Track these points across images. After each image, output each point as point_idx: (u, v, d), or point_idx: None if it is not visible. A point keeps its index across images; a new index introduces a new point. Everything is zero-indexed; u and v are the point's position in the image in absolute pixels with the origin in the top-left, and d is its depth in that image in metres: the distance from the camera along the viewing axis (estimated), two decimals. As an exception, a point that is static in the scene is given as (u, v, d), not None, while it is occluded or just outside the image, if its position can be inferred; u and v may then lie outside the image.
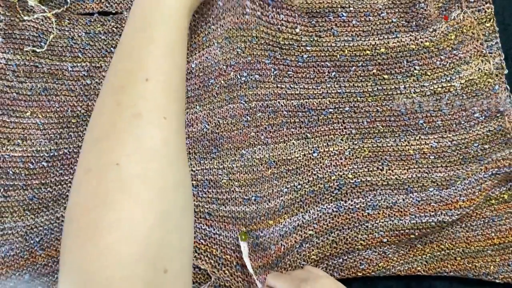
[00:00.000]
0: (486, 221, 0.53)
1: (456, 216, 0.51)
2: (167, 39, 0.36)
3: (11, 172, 0.51)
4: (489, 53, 0.54)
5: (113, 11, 0.53)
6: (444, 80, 0.52)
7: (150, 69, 0.34)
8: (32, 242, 0.50)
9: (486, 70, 0.52)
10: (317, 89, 0.53)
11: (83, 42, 0.52)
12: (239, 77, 0.52)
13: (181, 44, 0.37)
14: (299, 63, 0.53)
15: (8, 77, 0.51)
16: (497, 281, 0.53)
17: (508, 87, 0.54)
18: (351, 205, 0.52)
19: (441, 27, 0.52)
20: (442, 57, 0.52)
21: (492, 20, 0.54)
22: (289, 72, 0.53)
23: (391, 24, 0.52)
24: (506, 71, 0.54)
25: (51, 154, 0.51)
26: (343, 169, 0.53)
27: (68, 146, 0.51)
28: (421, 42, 0.52)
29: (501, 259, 0.53)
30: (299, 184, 0.53)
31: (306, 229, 0.52)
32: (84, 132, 0.52)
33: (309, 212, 0.52)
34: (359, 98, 0.53)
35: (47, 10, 0.51)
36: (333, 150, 0.53)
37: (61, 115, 0.51)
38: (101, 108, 0.33)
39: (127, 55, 0.35)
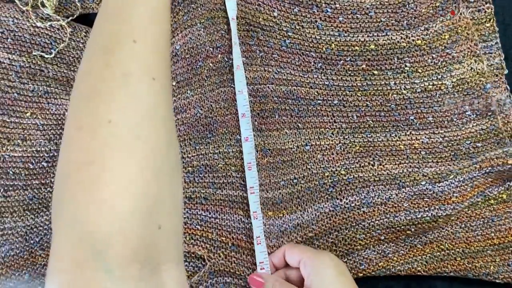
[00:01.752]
0: (486, 221, 0.53)
1: (450, 211, 0.52)
2: (153, 4, 0.36)
3: (11, 172, 0.51)
4: (489, 53, 0.54)
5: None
6: (435, 78, 0.52)
7: (137, 31, 0.34)
8: (32, 242, 0.50)
9: (479, 70, 0.52)
10: (304, 77, 0.53)
11: None
12: (226, 59, 0.52)
13: (166, 11, 0.38)
14: (282, 47, 0.53)
15: (11, 77, 0.51)
16: (497, 281, 0.53)
17: (508, 87, 0.54)
18: (346, 203, 0.53)
19: (435, 26, 0.52)
20: (434, 55, 0.52)
21: (492, 20, 0.54)
22: (274, 55, 0.53)
23: (380, 23, 0.53)
24: (506, 71, 0.54)
25: (51, 154, 0.51)
26: (335, 165, 0.53)
27: (68, 146, 0.51)
28: (413, 40, 0.52)
29: (501, 259, 0.53)
30: (294, 178, 0.53)
31: (306, 230, 0.52)
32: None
33: (307, 211, 0.52)
34: (348, 92, 0.53)
35: (61, 19, 0.51)
36: (325, 144, 0.53)
37: (59, 117, 0.51)
38: (89, 68, 0.33)
39: (113, 16, 0.35)
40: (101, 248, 0.27)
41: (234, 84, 0.52)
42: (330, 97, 0.53)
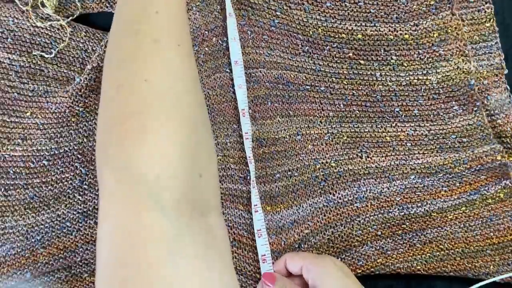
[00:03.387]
0: (484, 221, 0.53)
1: (441, 204, 0.52)
2: None
3: (11, 172, 0.51)
4: (489, 53, 0.54)
5: (113, 12, 0.54)
6: (420, 73, 0.53)
7: (158, 3, 0.37)
8: (33, 240, 0.50)
9: (465, 69, 0.53)
10: (292, 60, 0.54)
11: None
12: (221, 42, 0.53)
13: None
14: (272, 27, 0.54)
15: (11, 77, 0.51)
16: (497, 280, 0.53)
17: (508, 87, 0.54)
18: (339, 198, 0.53)
19: (425, 23, 0.53)
20: (420, 51, 0.53)
21: (492, 20, 0.54)
22: (264, 36, 0.54)
23: (369, 14, 0.53)
24: (506, 71, 0.54)
25: (52, 152, 0.51)
26: (325, 156, 0.54)
27: (69, 144, 0.52)
28: (400, 34, 0.53)
29: (501, 259, 0.53)
30: (289, 170, 0.53)
31: (302, 226, 0.52)
32: (84, 129, 0.52)
33: (303, 206, 0.53)
34: (334, 79, 0.54)
35: (61, 19, 0.51)
36: (314, 133, 0.54)
37: (59, 116, 0.52)
38: (121, 36, 0.37)
39: None
40: (155, 190, 0.30)
41: (228, 69, 0.53)
42: (317, 83, 0.54)
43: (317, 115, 0.54)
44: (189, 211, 0.30)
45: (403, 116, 0.54)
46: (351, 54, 0.54)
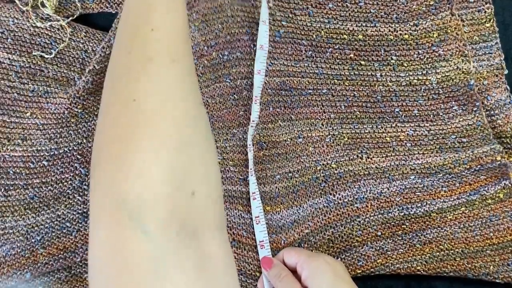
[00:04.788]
0: (484, 221, 0.53)
1: (441, 205, 0.52)
2: None
3: (11, 172, 0.51)
4: (489, 53, 0.54)
5: (113, 12, 0.54)
6: (420, 73, 0.53)
7: (154, 20, 0.37)
8: (33, 241, 0.50)
9: (465, 69, 0.53)
10: (296, 66, 0.54)
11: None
12: (221, 56, 0.53)
13: (183, 2, 0.42)
14: (276, 38, 0.54)
15: (11, 77, 0.51)
16: (497, 281, 0.53)
17: (508, 87, 0.54)
18: (339, 198, 0.53)
19: (424, 23, 0.53)
20: (420, 51, 0.53)
21: (492, 20, 0.54)
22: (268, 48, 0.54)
23: (369, 14, 0.53)
24: (506, 71, 0.54)
25: (52, 153, 0.51)
26: (326, 158, 0.54)
27: (68, 144, 0.52)
28: (400, 34, 0.53)
29: (501, 259, 0.53)
30: (289, 171, 0.53)
31: (302, 226, 0.52)
32: (84, 130, 0.52)
33: (303, 206, 0.53)
34: (336, 81, 0.54)
35: (61, 19, 0.51)
36: (315, 135, 0.54)
37: (58, 116, 0.52)
38: (116, 56, 0.38)
39: (134, 10, 0.39)
40: (137, 211, 0.30)
41: (228, 79, 0.53)
42: (320, 86, 0.54)
43: (319, 118, 0.54)
44: (176, 234, 0.30)
45: (403, 117, 0.54)
46: (352, 55, 0.54)
